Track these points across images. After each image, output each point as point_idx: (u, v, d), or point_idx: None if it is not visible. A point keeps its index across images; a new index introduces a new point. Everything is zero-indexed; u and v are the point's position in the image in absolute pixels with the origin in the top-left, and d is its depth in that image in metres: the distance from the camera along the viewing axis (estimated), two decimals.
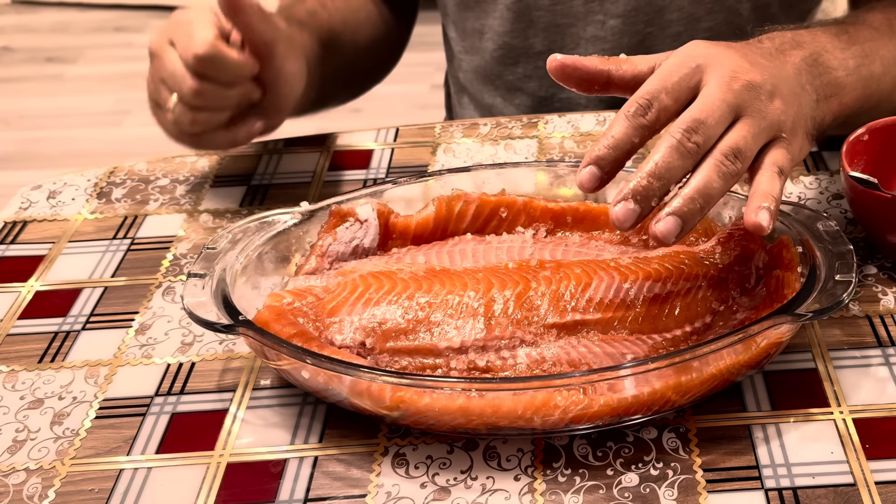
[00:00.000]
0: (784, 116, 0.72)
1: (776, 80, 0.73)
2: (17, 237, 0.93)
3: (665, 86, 0.70)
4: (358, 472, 0.67)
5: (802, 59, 0.78)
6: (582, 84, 0.74)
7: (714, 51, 0.72)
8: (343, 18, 1.11)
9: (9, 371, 0.77)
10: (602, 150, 0.68)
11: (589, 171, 0.68)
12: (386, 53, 1.24)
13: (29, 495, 0.67)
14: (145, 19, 3.65)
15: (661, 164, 0.67)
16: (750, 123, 0.70)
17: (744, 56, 0.73)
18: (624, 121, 0.69)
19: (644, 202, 0.66)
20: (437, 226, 0.82)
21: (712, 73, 0.70)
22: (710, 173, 0.67)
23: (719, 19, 1.11)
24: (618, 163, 0.69)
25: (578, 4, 1.11)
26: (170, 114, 0.90)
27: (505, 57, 1.17)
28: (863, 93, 0.83)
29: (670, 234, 0.66)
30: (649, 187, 0.66)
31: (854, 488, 0.63)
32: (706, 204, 0.67)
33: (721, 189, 0.67)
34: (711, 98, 0.69)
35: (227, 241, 0.77)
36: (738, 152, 0.68)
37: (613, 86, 0.74)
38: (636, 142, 0.69)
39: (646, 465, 0.66)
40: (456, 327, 0.70)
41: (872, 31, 0.87)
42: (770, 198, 0.68)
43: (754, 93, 0.70)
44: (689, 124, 0.68)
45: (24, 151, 2.92)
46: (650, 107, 0.69)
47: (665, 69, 0.71)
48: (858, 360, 0.73)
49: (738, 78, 0.70)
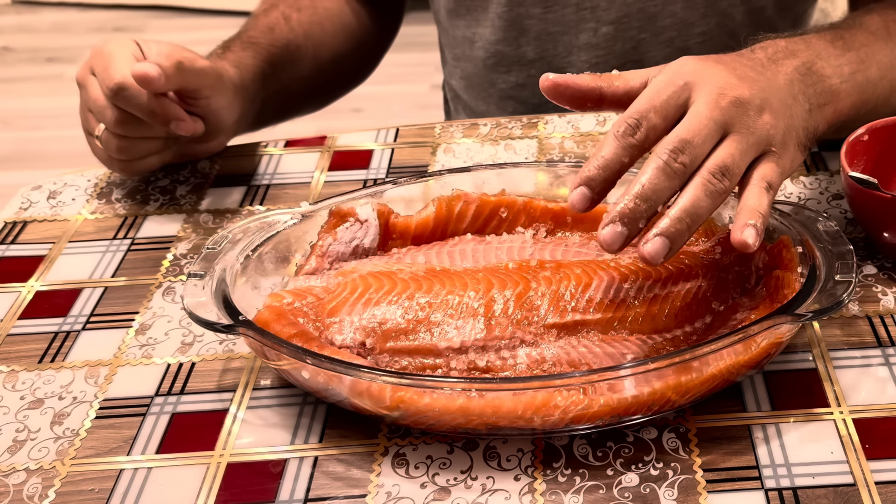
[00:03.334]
0: (773, 130, 0.72)
1: (766, 93, 0.73)
2: (18, 237, 0.93)
3: (653, 105, 0.70)
4: (358, 472, 0.67)
5: (795, 68, 0.78)
6: (575, 102, 0.75)
7: (703, 67, 0.72)
8: (306, 32, 1.12)
9: (9, 371, 0.77)
10: (592, 171, 0.69)
11: (580, 192, 0.69)
12: (353, 66, 1.24)
13: (29, 495, 0.67)
14: (145, 19, 3.65)
15: (648, 185, 0.67)
16: (738, 140, 0.70)
17: (733, 71, 0.73)
18: (613, 141, 0.69)
19: (631, 224, 0.67)
20: (437, 226, 0.82)
21: (700, 91, 0.70)
22: (698, 192, 0.67)
23: (712, 24, 1.11)
24: (608, 182, 0.69)
25: (570, 12, 1.11)
26: (97, 141, 0.93)
27: (497, 65, 1.17)
28: (859, 98, 0.83)
29: (658, 255, 0.66)
30: (636, 209, 0.67)
31: (854, 488, 0.63)
32: (694, 223, 0.67)
33: (709, 208, 0.68)
34: (698, 116, 0.69)
35: (227, 241, 0.77)
36: (726, 170, 0.68)
37: (606, 102, 0.75)
38: (626, 161, 0.69)
39: (646, 465, 0.66)
40: (456, 327, 0.70)
41: (869, 35, 0.87)
42: (757, 214, 0.68)
43: (742, 109, 0.70)
44: (675, 144, 0.68)
45: (24, 151, 2.92)
46: (639, 126, 0.69)
47: (653, 88, 0.71)
48: (858, 360, 0.73)
49: (726, 94, 0.70)
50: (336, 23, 1.17)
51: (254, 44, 1.05)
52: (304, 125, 1.21)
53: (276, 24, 1.09)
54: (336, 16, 1.18)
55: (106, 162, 0.96)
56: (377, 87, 1.28)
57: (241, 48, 1.04)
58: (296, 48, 1.10)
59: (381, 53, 1.29)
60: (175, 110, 0.92)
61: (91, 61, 0.93)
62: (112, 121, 0.91)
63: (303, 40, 1.12)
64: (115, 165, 0.96)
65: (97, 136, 0.93)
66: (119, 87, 0.88)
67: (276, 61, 1.06)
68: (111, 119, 0.91)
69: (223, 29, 1.24)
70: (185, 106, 0.93)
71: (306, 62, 1.12)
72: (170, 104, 0.91)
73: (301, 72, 1.12)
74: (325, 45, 1.15)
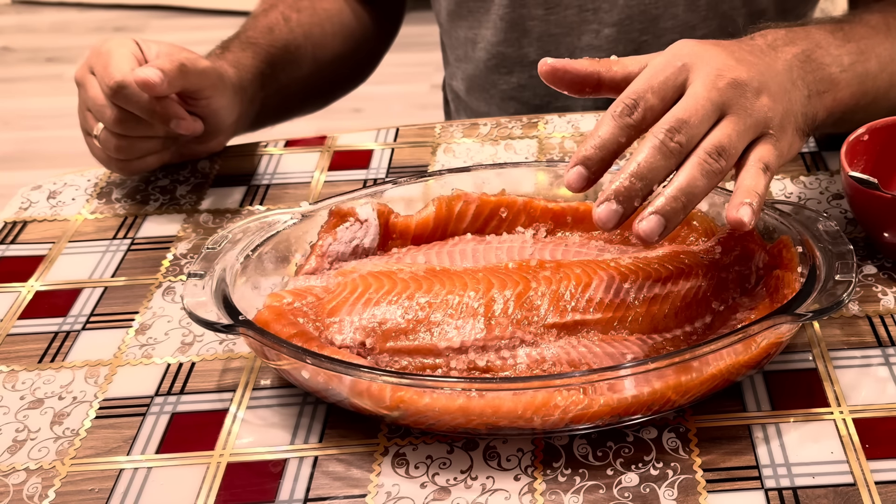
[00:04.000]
0: (771, 113, 0.72)
1: (764, 76, 0.73)
2: (18, 237, 0.93)
3: (651, 85, 0.70)
4: (358, 472, 0.67)
5: (794, 55, 0.78)
6: (573, 86, 0.75)
7: (701, 49, 0.72)
8: (306, 32, 1.12)
9: (9, 371, 0.77)
10: (589, 151, 0.69)
11: (576, 171, 0.69)
12: (352, 67, 1.24)
13: (29, 495, 0.67)
14: (145, 19, 3.65)
15: (644, 164, 0.67)
16: (735, 121, 0.70)
17: (731, 54, 0.73)
18: (610, 121, 0.69)
19: (627, 203, 0.66)
20: (437, 226, 0.82)
21: (698, 72, 0.70)
22: (694, 172, 0.67)
23: (714, 26, 1.11)
24: (605, 162, 0.69)
25: (572, 14, 1.11)
26: (95, 140, 0.93)
27: (499, 66, 1.17)
28: (858, 89, 0.83)
29: (653, 232, 0.66)
30: (632, 188, 0.66)
31: (854, 488, 0.63)
32: (689, 202, 0.67)
33: (705, 187, 0.68)
34: (696, 97, 0.69)
35: (227, 241, 0.77)
36: (723, 150, 0.68)
37: (604, 87, 0.74)
38: (623, 141, 0.69)
39: (646, 465, 0.66)
40: (456, 327, 0.70)
41: (869, 29, 0.87)
42: (753, 194, 0.68)
43: (740, 90, 0.70)
44: (672, 124, 0.68)
45: (24, 151, 2.92)
46: (636, 106, 0.69)
47: (651, 69, 0.71)
48: (858, 360, 0.73)
49: (724, 76, 0.70)
50: (336, 23, 1.17)
51: (253, 44, 1.05)
52: (304, 125, 1.21)
53: (275, 25, 1.10)
54: (335, 16, 1.18)
55: (104, 162, 0.96)
56: (377, 87, 1.28)
57: (240, 48, 1.04)
58: (295, 49, 1.10)
59: (380, 54, 1.29)
60: (175, 109, 0.92)
61: (90, 60, 0.93)
62: (111, 120, 0.91)
63: (302, 41, 1.12)
64: (114, 165, 0.96)
65: (95, 135, 0.93)
66: (119, 86, 0.88)
67: (276, 62, 1.07)
68: (110, 118, 0.91)
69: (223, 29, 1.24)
70: (185, 106, 0.93)
71: (305, 63, 1.12)
72: (170, 103, 0.91)
73: (300, 72, 1.12)
74: (324, 46, 1.15)
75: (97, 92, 0.91)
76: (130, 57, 0.91)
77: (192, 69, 0.91)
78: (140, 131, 0.93)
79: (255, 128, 1.09)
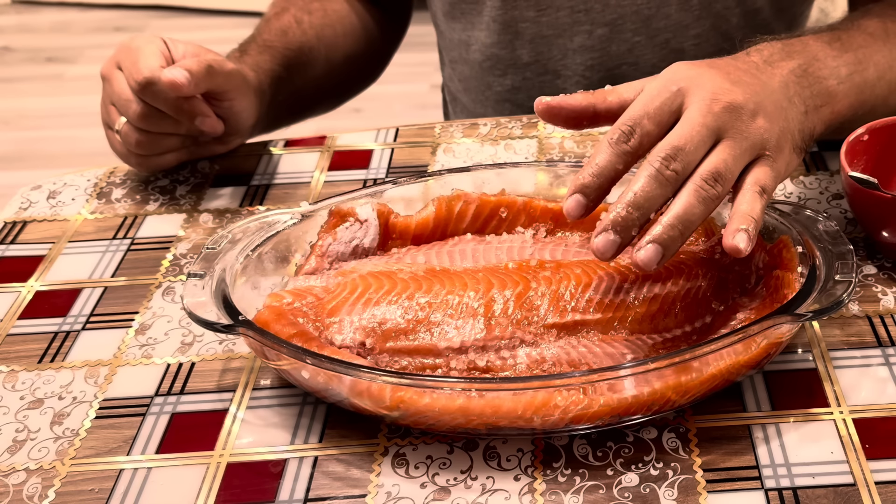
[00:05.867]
0: (767, 134, 0.72)
1: (759, 97, 0.73)
2: (17, 237, 0.93)
3: (647, 111, 0.70)
4: (358, 472, 0.67)
5: (791, 70, 0.78)
6: (570, 122, 0.75)
7: (696, 72, 0.72)
8: (318, 34, 1.13)
9: (9, 371, 0.77)
10: (587, 178, 0.69)
11: (575, 199, 0.69)
12: (363, 68, 1.25)
13: (29, 495, 0.67)
14: (145, 19, 3.65)
15: (641, 193, 0.67)
16: (731, 145, 0.70)
17: (726, 76, 0.73)
18: (607, 148, 0.69)
19: (624, 233, 0.67)
20: (437, 226, 0.82)
21: (693, 96, 0.71)
22: (690, 199, 0.68)
23: (707, 26, 1.11)
24: (602, 190, 0.70)
25: (564, 15, 1.11)
26: (117, 134, 0.94)
27: (493, 68, 1.17)
28: (856, 99, 0.83)
29: (651, 262, 0.66)
30: (629, 217, 0.67)
31: (854, 488, 0.63)
32: (686, 230, 0.67)
33: (702, 214, 0.68)
34: (691, 123, 0.69)
35: (227, 241, 0.77)
36: (719, 176, 0.69)
37: (601, 118, 0.75)
38: (620, 168, 0.70)
39: (646, 465, 0.66)
40: (456, 327, 0.70)
41: (867, 36, 0.86)
42: (749, 219, 0.68)
43: (735, 114, 0.70)
44: (667, 152, 0.68)
45: (24, 151, 2.92)
46: (633, 133, 0.70)
47: (646, 94, 0.71)
48: (858, 360, 0.73)
49: (719, 100, 0.70)
50: (346, 24, 1.18)
51: (270, 47, 1.06)
52: (303, 125, 1.21)
53: (288, 28, 1.10)
54: (346, 18, 1.18)
55: (123, 157, 0.97)
56: (377, 87, 1.28)
57: (257, 52, 1.05)
58: (308, 51, 1.11)
59: (389, 54, 1.30)
60: (201, 106, 0.93)
61: (117, 56, 0.94)
62: (136, 115, 0.92)
63: (315, 42, 1.12)
64: (132, 160, 0.97)
65: (117, 129, 0.94)
66: (148, 82, 0.90)
67: (291, 64, 1.07)
68: (135, 113, 0.92)
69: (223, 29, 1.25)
70: (209, 106, 0.94)
71: (319, 64, 1.13)
72: (196, 100, 0.93)
73: (313, 74, 1.12)
74: (336, 47, 1.16)
75: (123, 87, 0.92)
76: (159, 54, 0.92)
77: (219, 71, 0.93)
78: (162, 128, 0.94)
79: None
